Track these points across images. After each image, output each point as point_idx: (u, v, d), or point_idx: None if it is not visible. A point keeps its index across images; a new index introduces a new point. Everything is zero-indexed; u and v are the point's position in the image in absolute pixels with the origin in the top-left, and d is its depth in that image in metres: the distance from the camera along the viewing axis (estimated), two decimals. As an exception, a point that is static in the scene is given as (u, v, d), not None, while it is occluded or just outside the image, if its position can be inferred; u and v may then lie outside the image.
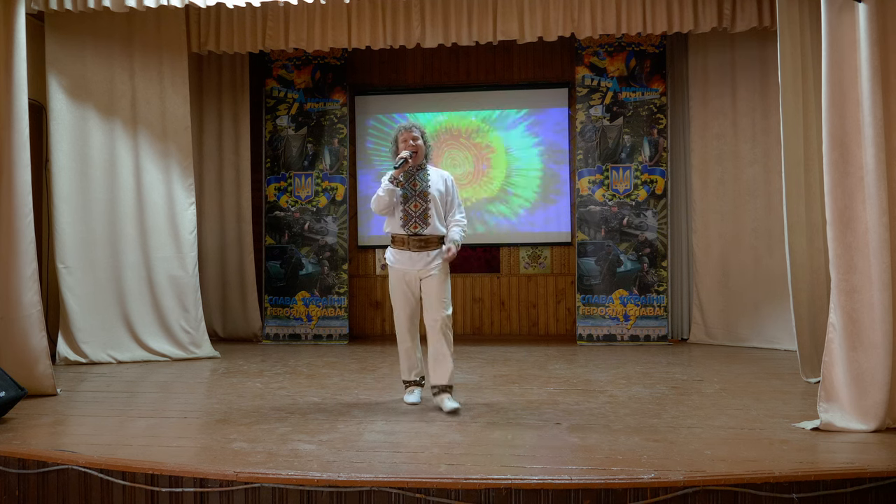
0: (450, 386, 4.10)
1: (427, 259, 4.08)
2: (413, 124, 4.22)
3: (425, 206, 4.10)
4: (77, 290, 5.51)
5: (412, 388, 4.28)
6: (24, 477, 3.13)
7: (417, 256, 4.08)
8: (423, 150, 4.19)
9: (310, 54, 6.83)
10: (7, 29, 4.39)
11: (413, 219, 4.09)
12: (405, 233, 4.10)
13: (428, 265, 4.08)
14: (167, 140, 5.90)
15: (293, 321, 6.83)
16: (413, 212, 4.10)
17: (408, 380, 4.30)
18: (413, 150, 4.11)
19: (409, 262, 4.10)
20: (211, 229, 6.93)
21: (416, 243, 4.08)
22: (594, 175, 6.62)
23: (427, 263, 4.08)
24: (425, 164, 4.22)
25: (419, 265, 4.08)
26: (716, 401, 4.18)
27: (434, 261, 4.09)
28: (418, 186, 4.13)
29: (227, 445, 3.31)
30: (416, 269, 4.08)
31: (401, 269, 4.12)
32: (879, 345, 3.42)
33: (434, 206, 4.11)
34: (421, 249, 4.08)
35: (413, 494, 2.78)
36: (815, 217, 4.64)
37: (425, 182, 4.15)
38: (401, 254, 4.12)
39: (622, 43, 6.59)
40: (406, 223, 4.10)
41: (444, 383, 4.08)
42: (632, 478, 2.79)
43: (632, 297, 6.53)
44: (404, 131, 4.19)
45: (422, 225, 4.09)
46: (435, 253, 4.11)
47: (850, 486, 2.79)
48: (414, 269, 4.09)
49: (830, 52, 3.57)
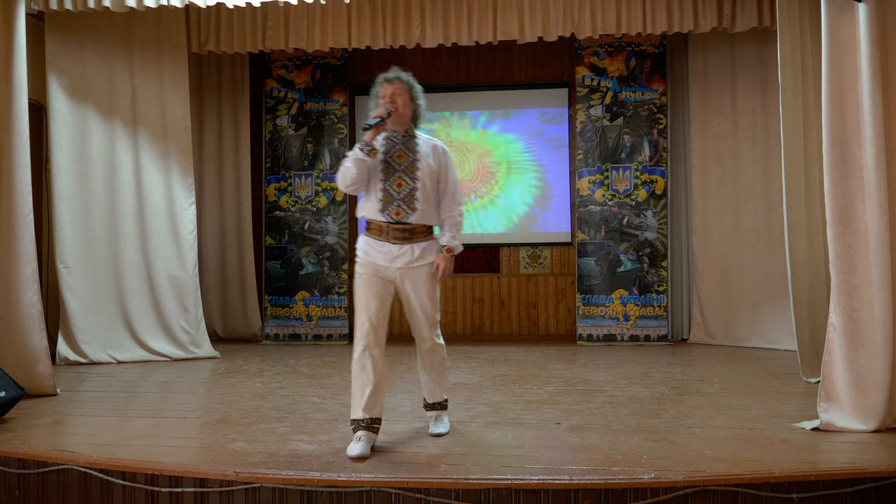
0: (439, 403, 3.50)
1: (411, 255, 3.23)
2: (398, 74, 3.29)
3: (412, 187, 3.19)
4: (77, 290, 5.51)
5: (360, 434, 3.15)
6: (24, 477, 3.12)
7: (398, 251, 3.21)
8: (409, 110, 3.27)
9: (310, 54, 6.83)
10: (7, 29, 4.39)
11: (395, 202, 3.19)
12: (384, 219, 3.22)
13: (411, 263, 3.23)
14: (167, 140, 5.90)
15: (293, 321, 6.83)
16: (395, 192, 3.19)
17: (356, 419, 3.18)
18: (392, 107, 3.18)
19: (386, 257, 3.22)
20: (211, 229, 6.93)
21: (397, 234, 3.21)
22: (594, 175, 6.62)
23: (410, 261, 3.22)
24: (413, 130, 3.31)
25: (400, 262, 3.21)
26: (716, 401, 4.18)
27: (420, 258, 3.24)
28: (404, 159, 3.22)
29: (227, 445, 3.31)
30: (396, 266, 3.22)
31: (374, 264, 3.25)
32: (879, 345, 3.42)
33: (423, 187, 3.22)
34: (404, 242, 3.22)
35: (413, 494, 2.78)
36: (815, 217, 4.64)
37: (413, 154, 3.23)
38: (377, 245, 3.24)
39: (622, 43, 6.59)
40: (386, 207, 3.20)
41: (436, 400, 3.50)
42: (632, 478, 2.79)
43: (632, 297, 6.53)
44: (385, 83, 3.25)
45: (406, 211, 3.19)
46: (422, 247, 3.24)
47: (850, 486, 2.79)
48: (392, 265, 3.22)
49: (830, 52, 3.57)
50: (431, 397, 3.49)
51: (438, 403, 3.51)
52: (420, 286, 3.25)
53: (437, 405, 3.51)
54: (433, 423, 3.49)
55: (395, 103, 3.20)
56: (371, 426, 3.19)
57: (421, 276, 3.24)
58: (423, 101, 3.32)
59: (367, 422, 3.17)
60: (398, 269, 3.22)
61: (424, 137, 3.33)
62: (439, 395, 3.50)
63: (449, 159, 3.33)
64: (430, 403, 3.50)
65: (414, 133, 3.30)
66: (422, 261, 3.24)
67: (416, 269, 3.23)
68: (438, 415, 3.51)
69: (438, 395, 3.49)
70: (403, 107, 3.23)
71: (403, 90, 3.24)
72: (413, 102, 3.27)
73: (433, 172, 3.25)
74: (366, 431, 3.16)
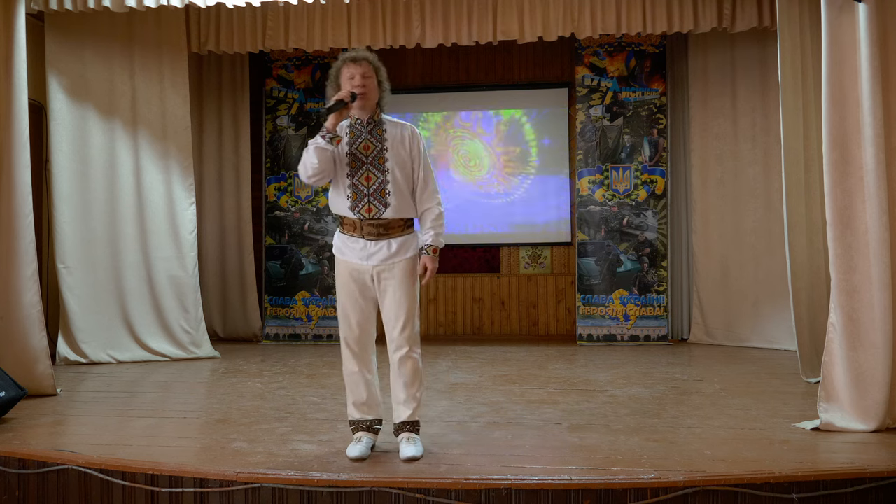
0: (411, 423, 3.09)
1: (388, 250, 2.98)
2: (365, 55, 2.99)
3: (381, 179, 2.95)
4: (77, 290, 5.50)
5: (360, 435, 3.09)
6: (24, 477, 3.12)
7: (374, 247, 2.98)
8: (376, 94, 2.98)
9: (310, 54, 6.82)
10: (7, 29, 4.39)
11: (365, 197, 2.96)
12: (355, 216, 2.99)
13: (388, 259, 2.98)
14: (167, 140, 5.90)
15: (293, 321, 6.83)
16: (364, 187, 2.95)
17: (355, 419, 3.12)
18: (361, 91, 2.89)
19: (361, 254, 3.00)
20: (211, 229, 6.93)
21: (372, 229, 2.98)
22: (594, 175, 6.62)
23: (387, 256, 2.98)
24: (380, 116, 3.03)
25: (376, 259, 2.98)
26: (716, 401, 4.18)
27: (397, 254, 2.98)
28: (371, 150, 2.96)
29: (227, 445, 3.31)
30: (371, 264, 2.99)
31: (349, 263, 3.04)
32: (879, 345, 3.42)
33: (394, 179, 2.96)
34: (379, 237, 2.98)
35: (413, 494, 2.78)
36: (815, 217, 4.64)
37: (380, 142, 2.97)
38: (352, 241, 3.03)
39: (622, 43, 6.59)
40: (356, 204, 2.96)
41: (405, 419, 3.08)
42: (632, 478, 2.79)
43: (632, 297, 6.53)
44: (349, 63, 2.93)
45: (378, 206, 2.95)
46: (399, 242, 2.99)
47: (850, 486, 2.79)
48: (368, 263, 2.99)
49: (830, 52, 3.57)
50: (399, 415, 3.06)
51: (409, 423, 3.06)
52: (397, 284, 2.97)
53: (408, 426, 3.06)
54: (404, 444, 3.03)
55: (365, 87, 2.91)
56: (371, 427, 3.15)
57: (399, 273, 2.98)
58: (387, 83, 3.05)
59: (368, 423, 3.14)
60: (374, 266, 2.98)
61: (392, 121, 3.04)
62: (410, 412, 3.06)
63: (420, 143, 3.03)
64: (398, 424, 3.07)
65: (380, 118, 3.02)
66: (400, 256, 2.98)
67: (393, 265, 2.98)
68: (411, 437, 3.06)
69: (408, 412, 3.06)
70: (371, 91, 2.94)
71: (371, 72, 2.95)
72: (380, 85, 3.00)
73: (404, 161, 2.99)
74: (366, 432, 3.13)
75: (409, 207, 3.03)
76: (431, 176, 3.06)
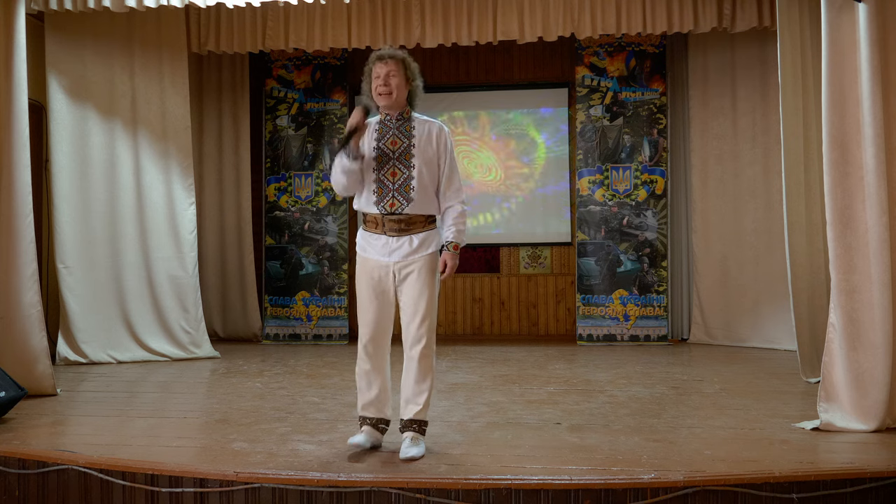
0: (417, 422, 3.09)
1: (409, 246, 3.03)
2: (393, 53, 3.04)
3: (407, 175, 3.00)
4: (77, 290, 5.50)
5: (365, 428, 3.15)
6: (24, 477, 3.12)
7: (396, 243, 3.03)
8: (404, 91, 3.04)
9: (310, 54, 6.82)
10: (7, 29, 4.39)
11: (390, 192, 3.01)
12: (379, 212, 3.04)
13: (409, 255, 3.02)
14: (167, 140, 5.90)
15: (293, 321, 6.83)
16: (390, 182, 3.01)
17: (362, 416, 3.18)
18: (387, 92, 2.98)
19: (383, 251, 3.05)
20: (211, 229, 6.93)
21: (393, 225, 3.03)
22: (594, 175, 6.62)
23: (408, 252, 3.02)
24: (409, 113, 3.10)
25: (397, 255, 3.03)
26: (716, 401, 4.18)
27: (419, 249, 3.03)
28: (398, 146, 3.02)
29: (227, 445, 3.30)
30: (393, 260, 3.04)
31: (371, 260, 3.09)
32: (879, 345, 3.42)
33: (419, 175, 3.01)
34: (401, 234, 3.02)
35: (413, 494, 2.78)
36: (815, 217, 4.64)
37: (408, 139, 3.03)
38: (374, 238, 3.08)
39: (622, 43, 6.59)
40: (381, 199, 3.01)
41: (411, 417, 3.09)
42: (632, 478, 2.79)
43: (632, 297, 6.53)
44: (378, 62, 3.01)
45: (401, 201, 3.00)
46: (421, 238, 3.03)
47: (850, 486, 2.79)
48: (389, 260, 3.04)
49: (830, 52, 3.57)
50: (407, 412, 3.07)
51: (415, 422, 3.06)
52: (416, 279, 3.01)
53: (415, 424, 3.06)
54: (406, 444, 3.04)
55: (389, 85, 2.99)
56: (377, 425, 3.18)
57: (419, 268, 3.01)
58: (419, 80, 3.09)
59: (374, 421, 3.18)
60: (395, 262, 3.03)
61: (421, 119, 3.10)
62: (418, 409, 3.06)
63: (448, 141, 3.08)
64: (405, 420, 3.07)
65: (410, 115, 3.08)
66: (421, 252, 3.02)
67: (414, 260, 3.02)
68: (415, 437, 3.07)
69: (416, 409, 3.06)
70: (398, 89, 3.00)
71: (398, 70, 3.01)
72: (409, 83, 3.04)
73: (431, 158, 3.03)
74: (371, 427, 3.17)
75: (431, 204, 3.07)
76: (457, 175, 3.11)
